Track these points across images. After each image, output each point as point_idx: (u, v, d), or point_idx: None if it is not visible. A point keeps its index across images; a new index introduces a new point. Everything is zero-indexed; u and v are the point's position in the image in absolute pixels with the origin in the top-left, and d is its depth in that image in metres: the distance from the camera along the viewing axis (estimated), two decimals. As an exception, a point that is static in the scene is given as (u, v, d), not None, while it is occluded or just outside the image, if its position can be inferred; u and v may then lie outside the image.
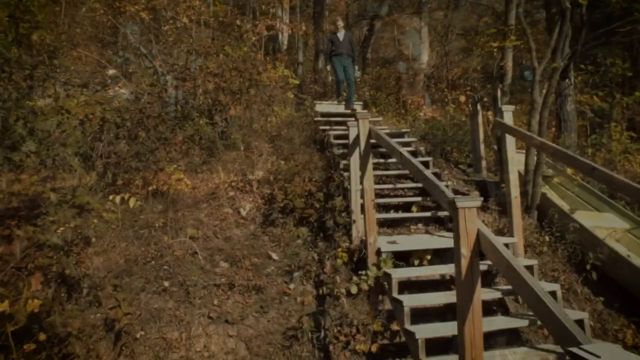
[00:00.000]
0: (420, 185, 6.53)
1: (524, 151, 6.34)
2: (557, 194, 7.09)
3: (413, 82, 10.74)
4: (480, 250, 2.87)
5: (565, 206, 6.15)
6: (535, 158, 5.94)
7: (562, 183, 7.10)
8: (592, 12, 9.43)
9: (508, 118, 5.28)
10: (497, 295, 4.41)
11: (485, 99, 9.84)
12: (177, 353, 4.26)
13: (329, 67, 9.87)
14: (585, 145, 9.53)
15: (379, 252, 4.85)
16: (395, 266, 4.91)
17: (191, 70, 6.66)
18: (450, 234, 5.58)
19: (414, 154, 7.45)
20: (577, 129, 10.08)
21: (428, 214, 5.90)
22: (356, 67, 9.51)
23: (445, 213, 5.92)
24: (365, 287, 4.67)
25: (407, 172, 6.94)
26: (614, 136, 9.23)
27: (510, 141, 5.12)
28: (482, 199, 2.99)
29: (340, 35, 9.29)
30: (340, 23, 9.51)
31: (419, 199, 6.14)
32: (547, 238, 5.79)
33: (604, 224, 6.09)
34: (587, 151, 9.28)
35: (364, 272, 4.74)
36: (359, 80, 10.55)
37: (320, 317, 4.59)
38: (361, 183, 5.00)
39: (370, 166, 4.92)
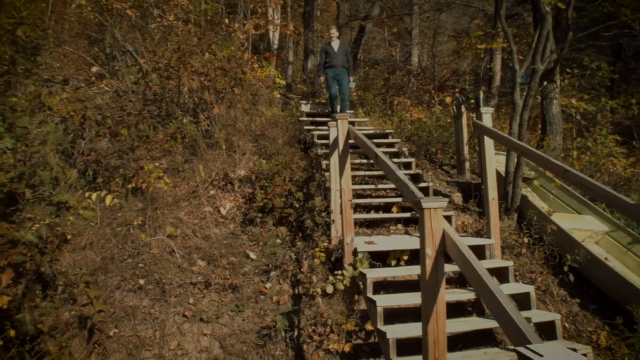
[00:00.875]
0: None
1: (505, 153, 6.37)
2: (539, 195, 7.13)
3: (401, 83, 10.75)
4: (445, 251, 2.89)
5: (544, 208, 6.19)
6: (516, 160, 5.97)
7: (544, 185, 7.14)
8: (578, 16, 9.50)
9: (487, 120, 5.31)
10: (471, 295, 4.43)
11: (472, 101, 9.89)
12: (151, 351, 4.26)
13: (322, 79, 8.95)
14: (571, 148, 9.58)
15: (355, 252, 4.86)
16: (372, 266, 4.93)
17: (175, 68, 6.63)
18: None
19: (397, 154, 7.48)
20: (563, 131, 10.14)
21: (408, 214, 5.91)
22: (351, 79, 8.90)
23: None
24: (341, 287, 4.69)
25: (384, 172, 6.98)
26: (599, 139, 9.28)
27: (488, 143, 5.15)
28: (447, 200, 3.01)
29: (335, 45, 8.67)
30: (335, 32, 8.82)
31: (399, 199, 6.15)
32: (525, 240, 5.82)
33: (583, 226, 6.12)
34: (573, 154, 9.33)
35: (339, 272, 4.75)
36: (354, 89, 9.92)
37: (295, 316, 4.60)
38: (339, 183, 5.01)
39: (348, 166, 4.93)
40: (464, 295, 4.44)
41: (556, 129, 9.00)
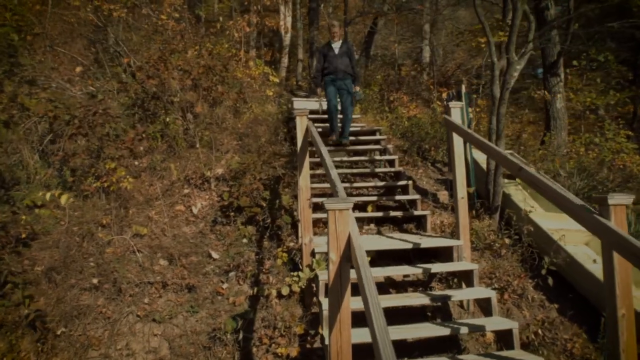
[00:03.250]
0: (380, 184, 6.37)
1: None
2: (531, 194, 6.79)
3: (400, 79, 10.47)
4: (350, 255, 2.71)
5: (527, 207, 5.87)
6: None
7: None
8: (589, 9, 9.01)
9: (455, 115, 5.05)
10: (425, 300, 4.20)
11: (475, 95, 9.55)
12: (97, 351, 4.23)
13: (319, 90, 7.41)
14: (579, 144, 9.10)
15: (313, 253, 4.71)
16: (332, 267, 4.77)
17: (155, 67, 6.63)
18: (402, 235, 5.41)
19: (383, 151, 7.27)
20: (573, 127, 9.69)
21: (380, 213, 5.71)
22: (358, 88, 7.22)
23: (399, 213, 5.74)
24: (296, 288, 4.55)
25: (368, 170, 6.80)
26: (608, 134, 8.78)
27: (457, 139, 4.89)
28: (354, 200, 2.83)
29: (336, 46, 7.00)
30: (337, 29, 7.13)
31: (374, 198, 5.96)
32: (506, 240, 5.53)
33: (571, 227, 5.76)
34: (580, 150, 8.87)
35: (295, 274, 4.62)
36: (362, 99, 8.25)
37: (247, 318, 4.49)
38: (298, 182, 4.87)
39: (306, 164, 4.79)
40: (418, 300, 4.22)
41: (560, 124, 8.58)
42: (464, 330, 3.80)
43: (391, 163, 6.86)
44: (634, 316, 2.93)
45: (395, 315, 4.59)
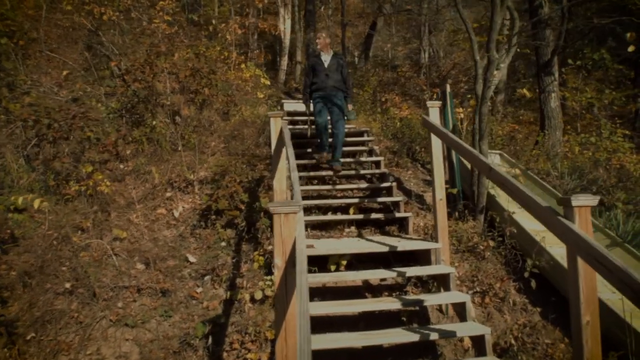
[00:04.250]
0: (363, 185, 6.29)
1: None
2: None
3: (393, 80, 10.37)
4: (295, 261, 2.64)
5: (514, 208, 5.75)
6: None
7: (526, 184, 6.66)
8: (585, 8, 8.86)
9: (434, 115, 4.97)
10: (397, 305, 4.10)
11: (470, 95, 9.42)
12: (67, 356, 4.20)
13: (308, 109, 6.61)
14: (574, 143, 8.93)
15: (287, 256, 4.64)
16: (309, 271, 4.70)
17: (141, 70, 6.62)
18: (382, 238, 5.33)
19: (370, 152, 7.19)
20: (564, 126, 9.52)
21: (361, 216, 5.63)
22: (350, 106, 6.59)
23: (379, 216, 5.66)
24: (269, 292, 4.49)
25: (353, 172, 6.72)
26: (604, 133, 8.62)
27: (435, 140, 4.80)
28: (301, 204, 2.76)
29: (326, 59, 6.38)
30: (325, 39, 6.49)
31: (356, 200, 5.88)
32: (491, 243, 5.42)
33: (559, 229, 5.64)
34: (575, 150, 8.71)
35: (269, 277, 4.56)
36: (354, 119, 7.64)
37: (219, 322, 4.44)
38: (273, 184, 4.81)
39: (281, 166, 4.73)
40: (389, 304, 4.12)
41: (555, 123, 8.43)
42: (433, 336, 3.70)
43: (377, 164, 6.78)
44: (598, 323, 2.81)
45: (372, 320, 4.51)
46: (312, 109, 6.45)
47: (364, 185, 6.27)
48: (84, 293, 4.69)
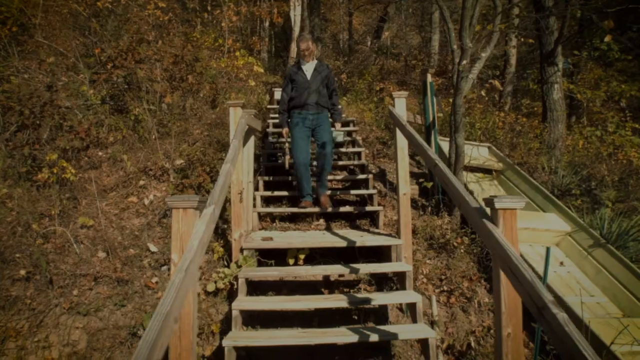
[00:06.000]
0: (338, 177, 6.11)
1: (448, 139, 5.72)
2: (505, 190, 6.37)
3: (409, 69, 10.07)
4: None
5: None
6: (455, 148, 5.31)
7: (512, 179, 6.36)
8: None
9: (400, 106, 4.74)
10: (343, 304, 3.92)
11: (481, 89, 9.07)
12: (15, 342, 4.19)
13: (284, 132, 5.49)
14: (580, 137, 8.51)
15: (243, 250, 4.53)
16: (264, 265, 4.60)
17: (122, 57, 6.57)
18: (348, 232, 5.16)
19: (353, 143, 6.99)
20: (576, 119, 9.08)
21: (330, 209, 5.45)
22: (338, 125, 5.65)
23: (349, 209, 5.47)
24: (221, 285, 4.38)
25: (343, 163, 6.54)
26: (611, 127, 8.17)
27: (400, 132, 4.58)
28: (197, 198, 2.61)
29: (308, 69, 5.29)
30: (307, 44, 5.22)
31: (328, 192, 5.70)
32: (465, 240, 5.18)
33: (541, 226, 5.38)
34: (579, 144, 8.30)
35: (221, 270, 4.45)
36: (343, 142, 6.76)
37: (169, 314, 4.35)
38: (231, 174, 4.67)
39: (240, 157, 4.59)
40: (336, 302, 3.95)
41: (557, 116, 8.02)
42: (373, 337, 3.52)
43: (359, 155, 6.58)
44: (521, 336, 2.59)
45: (327, 317, 4.36)
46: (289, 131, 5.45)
47: (340, 176, 6.08)
48: (40, 280, 4.67)
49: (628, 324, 4.00)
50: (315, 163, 5.61)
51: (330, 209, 5.33)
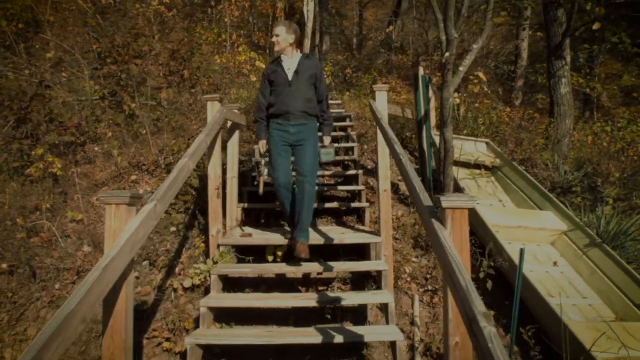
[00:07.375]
0: (327, 173, 6.01)
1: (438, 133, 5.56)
2: (502, 186, 6.17)
3: (396, 63, 9.88)
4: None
5: (494, 200, 5.32)
6: (444, 143, 5.15)
7: (509, 175, 6.15)
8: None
9: (380, 99, 4.61)
10: (312, 303, 3.83)
11: (476, 80, 8.86)
12: (-7, 335, 4.25)
13: (261, 144, 4.44)
14: (589, 132, 8.20)
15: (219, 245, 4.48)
16: (242, 261, 4.54)
17: (117, 52, 6.60)
18: (331, 229, 5.06)
19: (347, 138, 6.88)
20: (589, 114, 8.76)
21: (315, 204, 5.36)
22: (327, 140, 4.46)
23: (334, 205, 5.37)
24: (197, 281, 4.35)
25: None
26: (621, 122, 7.84)
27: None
28: (129, 194, 2.55)
29: (289, 65, 4.18)
30: (276, 29, 4.14)
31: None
32: (454, 238, 5.02)
33: (535, 224, 5.18)
34: (588, 139, 8.00)
35: (197, 266, 4.41)
36: (330, 162, 5.56)
37: (145, 309, 4.34)
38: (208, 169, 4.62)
39: (217, 151, 4.53)
40: (305, 302, 3.86)
41: (565, 110, 7.73)
42: (338, 339, 3.42)
43: (351, 150, 6.46)
44: (470, 346, 2.45)
45: (303, 315, 4.28)
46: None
47: (328, 172, 5.98)
48: (23, 274, 4.72)
49: (616, 327, 3.80)
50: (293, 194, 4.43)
51: (307, 257, 4.16)
